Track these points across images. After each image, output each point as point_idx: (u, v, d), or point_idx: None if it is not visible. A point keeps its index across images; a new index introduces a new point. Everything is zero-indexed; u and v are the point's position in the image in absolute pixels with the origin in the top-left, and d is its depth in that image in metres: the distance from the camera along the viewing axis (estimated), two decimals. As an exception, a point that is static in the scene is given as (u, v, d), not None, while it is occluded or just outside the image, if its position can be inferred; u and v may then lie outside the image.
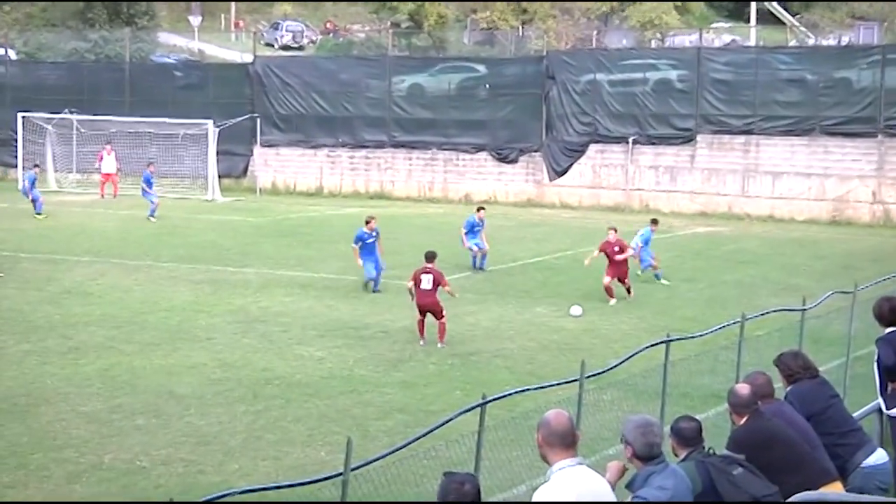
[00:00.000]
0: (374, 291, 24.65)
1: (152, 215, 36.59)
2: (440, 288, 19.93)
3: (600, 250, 24.43)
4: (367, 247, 25.08)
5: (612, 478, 7.32)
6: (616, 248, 24.26)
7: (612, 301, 23.74)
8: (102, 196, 43.30)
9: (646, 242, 26.68)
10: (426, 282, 19.78)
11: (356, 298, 24.11)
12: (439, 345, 19.52)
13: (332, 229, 35.30)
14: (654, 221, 27.84)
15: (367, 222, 25.35)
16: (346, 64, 49.51)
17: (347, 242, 31.14)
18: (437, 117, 46.42)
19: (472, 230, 28.30)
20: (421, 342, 19.70)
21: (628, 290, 24.32)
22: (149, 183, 37.78)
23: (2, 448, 13.66)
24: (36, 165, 39.70)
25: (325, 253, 30.64)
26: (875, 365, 11.13)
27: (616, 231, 24.70)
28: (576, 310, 22.34)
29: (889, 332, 11.14)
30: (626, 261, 24.43)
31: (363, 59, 50.35)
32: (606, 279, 24.11)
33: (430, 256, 20.16)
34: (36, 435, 14.20)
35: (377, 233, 25.27)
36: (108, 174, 44.02)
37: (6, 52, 56.07)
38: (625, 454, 7.44)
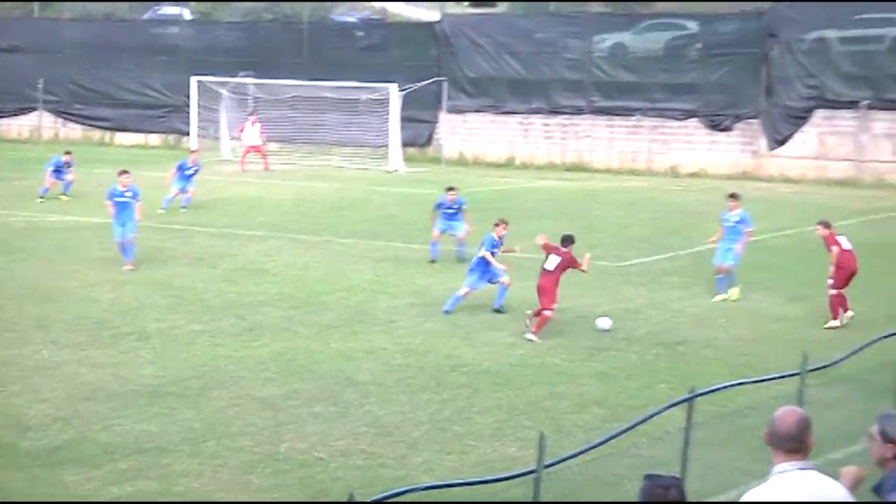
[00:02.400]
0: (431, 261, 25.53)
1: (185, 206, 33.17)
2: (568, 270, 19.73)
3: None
4: (445, 216, 25.77)
5: (848, 484, 7.02)
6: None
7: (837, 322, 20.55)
8: (243, 169, 43.47)
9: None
10: (551, 262, 19.69)
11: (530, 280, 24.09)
12: (530, 336, 19.11)
13: (526, 204, 35.39)
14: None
15: (449, 190, 26.41)
16: (543, 22, 49.43)
17: (542, 219, 31.28)
18: (642, 80, 45.99)
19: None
20: (527, 321, 19.44)
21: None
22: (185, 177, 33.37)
23: (174, 434, 14.23)
24: (67, 153, 36.09)
25: (517, 230, 30.61)
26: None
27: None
28: (604, 322, 19.99)
29: None
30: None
31: (561, 17, 50.14)
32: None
33: (568, 240, 20.07)
34: (209, 421, 14.73)
35: (458, 205, 25.97)
36: (252, 146, 44.39)
37: (181, 12, 58.05)
38: (874, 453, 7.09)
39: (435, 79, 47.67)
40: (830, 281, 20.56)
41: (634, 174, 44.75)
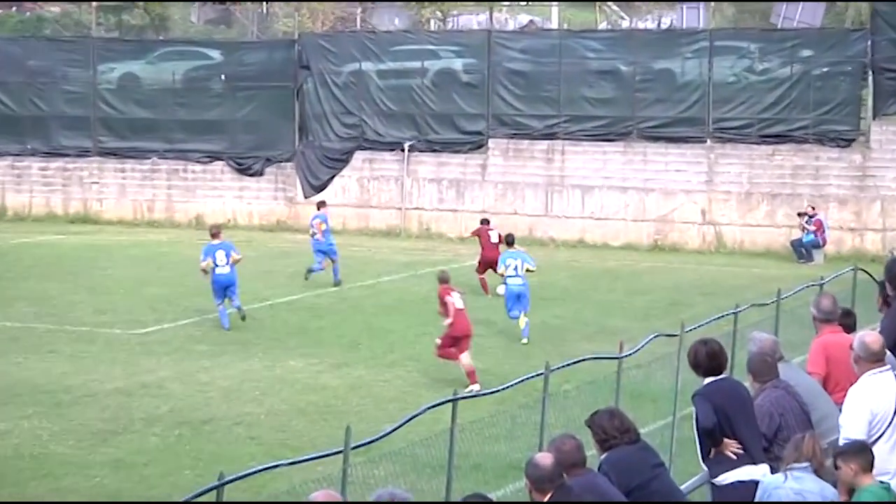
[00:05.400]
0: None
1: None
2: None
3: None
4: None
5: None
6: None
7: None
8: None
9: None
10: (459, 300, 21.99)
11: (55, 353, 23.58)
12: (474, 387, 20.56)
13: (22, 263, 34.45)
14: None
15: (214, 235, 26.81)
16: (37, 47, 48.36)
17: (42, 280, 30.49)
18: (158, 117, 45.82)
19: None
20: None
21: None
22: None
23: None
24: None
25: (8, 294, 29.81)
26: (693, 425, 11.45)
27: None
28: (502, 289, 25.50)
29: (708, 384, 11.35)
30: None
31: (59, 42, 49.29)
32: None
33: (445, 278, 22.54)
34: None
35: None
36: None
37: None
38: None
39: None
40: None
41: (153, 226, 44.46)
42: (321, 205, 33.97)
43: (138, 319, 26.80)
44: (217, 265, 26.19)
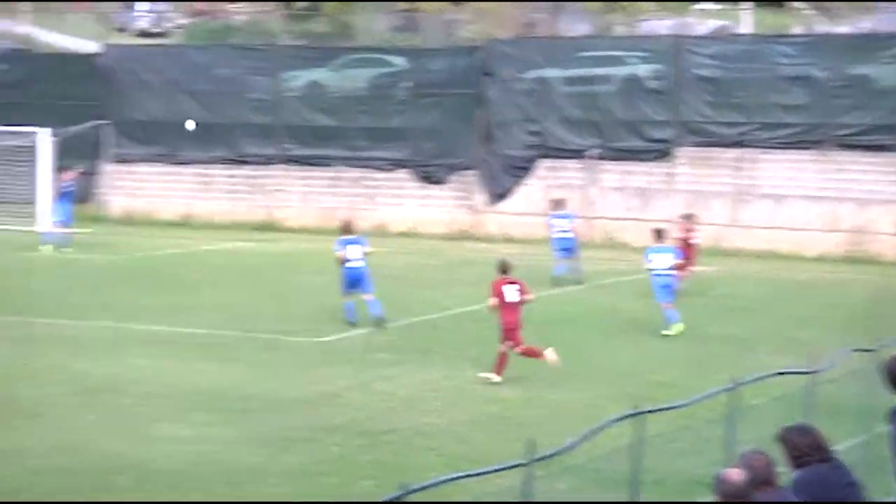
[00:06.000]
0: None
1: None
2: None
3: None
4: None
5: None
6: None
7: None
8: None
9: None
10: (511, 293, 22.16)
11: (239, 361, 23.97)
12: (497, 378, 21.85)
13: (205, 270, 35.10)
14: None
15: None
16: (224, 56, 49.39)
17: (225, 287, 31.03)
18: (342, 125, 46.39)
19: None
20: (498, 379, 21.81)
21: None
22: None
23: None
24: None
25: (195, 301, 30.44)
26: (890, 444, 11.17)
27: None
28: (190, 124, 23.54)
29: (905, 401, 11.20)
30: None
31: (245, 50, 50.22)
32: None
33: (507, 267, 22.79)
34: None
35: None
36: None
37: None
38: None
39: (96, 122, 46.90)
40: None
41: (335, 234, 44.80)
42: (558, 203, 34.76)
43: (320, 328, 27.09)
44: (349, 259, 27.02)
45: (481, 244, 42.82)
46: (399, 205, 45.80)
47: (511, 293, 22.39)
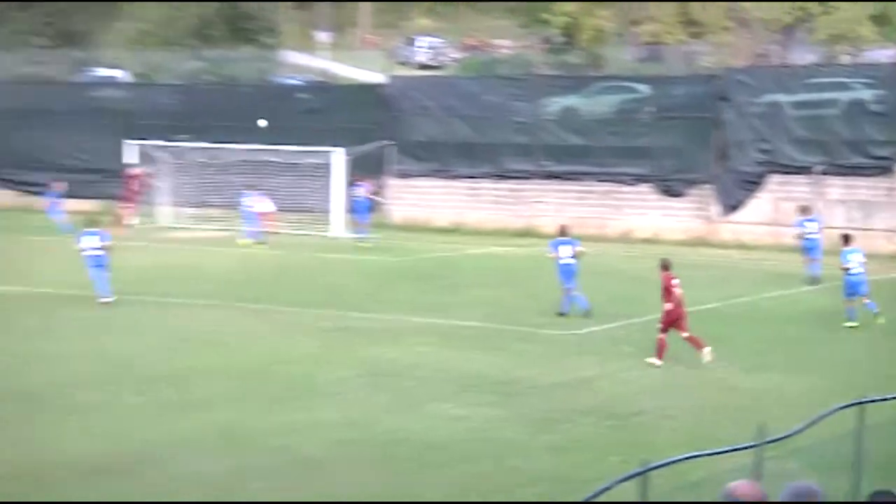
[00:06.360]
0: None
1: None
2: None
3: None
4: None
5: None
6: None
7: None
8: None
9: None
10: (679, 287, 22.71)
11: (503, 350, 24.20)
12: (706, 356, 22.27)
13: (473, 271, 35.46)
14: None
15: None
16: (491, 85, 49.83)
17: (490, 285, 31.38)
18: (592, 144, 46.37)
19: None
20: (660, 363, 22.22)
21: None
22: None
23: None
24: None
25: (466, 297, 30.82)
26: None
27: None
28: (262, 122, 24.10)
29: None
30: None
31: (509, 80, 50.58)
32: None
33: (669, 265, 23.16)
34: (136, 499, 14.52)
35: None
36: (263, 213, 43.73)
37: (117, 74, 57.92)
38: None
39: (382, 142, 47.85)
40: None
41: (584, 240, 44.76)
42: (805, 210, 35.13)
43: (573, 322, 27.13)
44: (562, 257, 28.01)
45: (715, 250, 42.29)
46: (643, 214, 45.57)
47: (677, 287, 22.81)
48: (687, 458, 10.64)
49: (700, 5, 60.97)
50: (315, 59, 71.98)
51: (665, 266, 23.27)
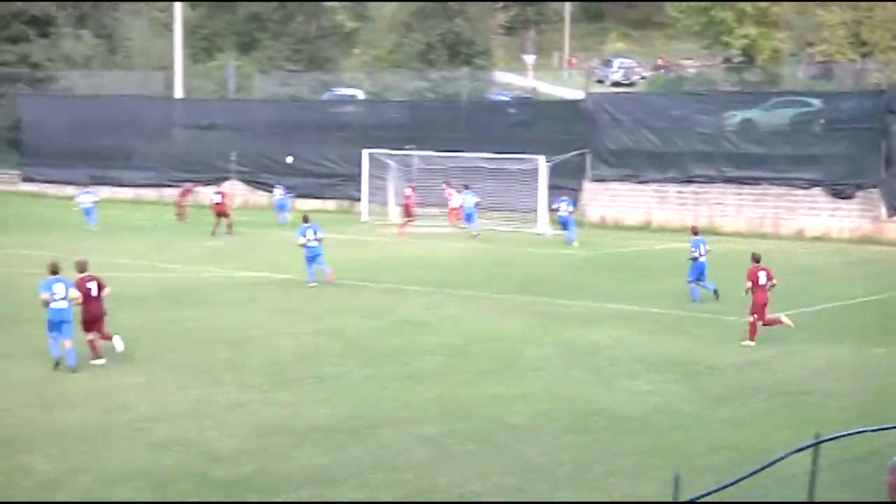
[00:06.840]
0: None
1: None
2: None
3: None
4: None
5: None
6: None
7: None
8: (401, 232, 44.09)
9: None
10: (764, 278, 22.00)
11: (685, 334, 23.85)
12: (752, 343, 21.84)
13: (661, 264, 35.02)
14: None
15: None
16: (677, 100, 49.14)
17: (675, 277, 30.91)
18: (769, 152, 45.27)
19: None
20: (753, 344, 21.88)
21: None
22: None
23: (344, 467, 14.37)
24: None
25: (653, 287, 30.47)
26: None
27: None
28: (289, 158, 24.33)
29: None
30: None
31: (694, 95, 49.77)
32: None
33: (758, 257, 22.51)
34: (375, 456, 14.83)
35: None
36: (455, 209, 45.73)
37: (354, 93, 59.13)
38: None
39: (579, 151, 47.64)
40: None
41: (762, 237, 43.95)
42: None
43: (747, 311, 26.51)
44: (695, 254, 27.87)
45: (881, 247, 40.81)
46: (815, 215, 44.28)
47: (763, 278, 22.09)
48: (856, 433, 10.31)
49: (869, 27, 58.85)
50: (522, 78, 72.16)
51: (755, 259, 22.75)
